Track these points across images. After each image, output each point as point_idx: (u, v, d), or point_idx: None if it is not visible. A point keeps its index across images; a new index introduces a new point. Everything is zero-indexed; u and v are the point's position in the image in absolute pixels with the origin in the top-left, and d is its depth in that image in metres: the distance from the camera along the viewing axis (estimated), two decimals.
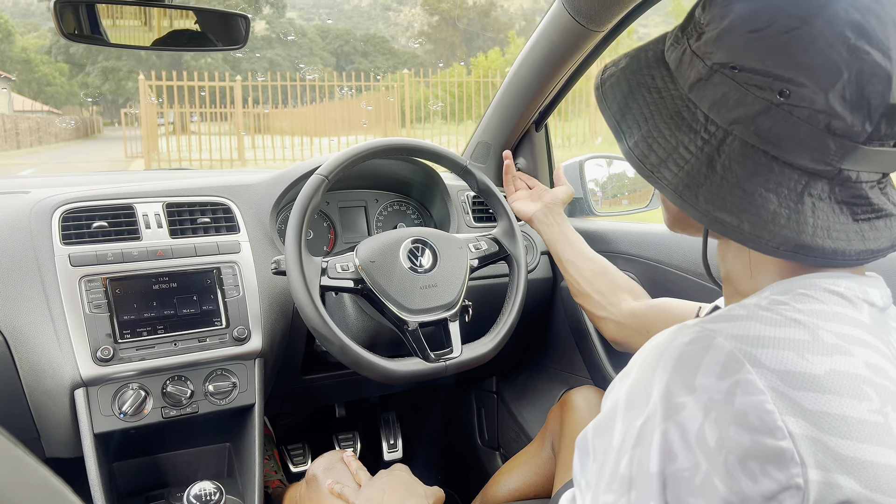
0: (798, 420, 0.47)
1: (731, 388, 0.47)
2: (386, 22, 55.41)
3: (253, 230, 1.30)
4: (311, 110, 12.98)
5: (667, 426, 0.48)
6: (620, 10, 1.19)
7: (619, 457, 0.51)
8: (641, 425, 0.50)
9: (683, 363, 0.49)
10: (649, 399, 0.50)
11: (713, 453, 0.46)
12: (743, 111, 0.53)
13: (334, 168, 1.16)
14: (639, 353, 0.55)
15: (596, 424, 0.56)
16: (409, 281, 1.17)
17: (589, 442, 0.56)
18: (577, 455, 0.58)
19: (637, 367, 0.53)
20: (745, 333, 0.50)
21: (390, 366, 1.12)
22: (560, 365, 1.66)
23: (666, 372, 0.50)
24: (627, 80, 0.61)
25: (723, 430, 0.46)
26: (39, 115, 24.88)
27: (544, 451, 1.31)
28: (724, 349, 0.49)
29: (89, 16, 1.12)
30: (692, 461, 0.47)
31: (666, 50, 0.60)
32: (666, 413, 0.49)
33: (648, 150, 0.56)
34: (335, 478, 1.07)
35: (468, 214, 1.55)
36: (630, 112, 0.59)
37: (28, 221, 1.16)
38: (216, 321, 1.20)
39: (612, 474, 0.51)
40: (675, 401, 0.48)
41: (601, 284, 1.23)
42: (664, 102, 0.57)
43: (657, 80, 0.59)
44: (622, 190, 1.82)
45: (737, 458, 0.46)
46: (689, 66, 0.56)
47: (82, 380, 1.08)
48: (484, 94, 12.75)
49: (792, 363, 0.48)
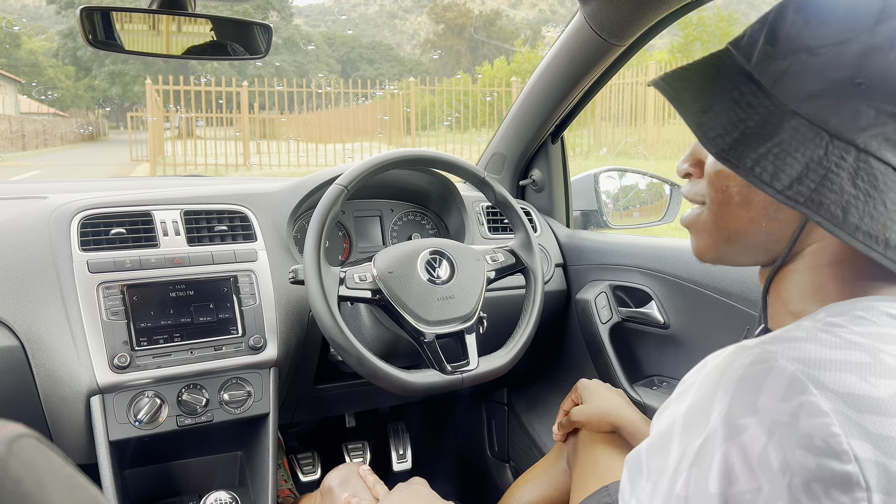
0: (863, 443, 0.46)
1: (795, 411, 0.46)
2: (392, 30, 55.60)
3: (270, 239, 1.29)
4: (317, 117, 13.01)
5: (728, 447, 0.47)
6: (643, 24, 1.19)
7: (676, 477, 0.50)
8: (700, 445, 0.49)
9: (745, 384, 0.48)
10: (709, 420, 0.49)
11: (776, 476, 0.46)
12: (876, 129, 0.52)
13: (354, 178, 1.16)
14: (694, 374, 0.54)
15: (650, 444, 0.55)
16: (426, 292, 1.16)
17: (643, 461, 0.55)
18: (627, 474, 0.57)
19: (695, 388, 0.52)
20: (807, 356, 0.49)
21: (407, 377, 1.11)
22: (573, 378, 1.64)
23: (727, 393, 0.49)
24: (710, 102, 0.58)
25: (787, 452, 0.46)
26: (45, 117, 24.97)
27: (559, 464, 1.30)
28: (787, 371, 0.48)
29: (111, 24, 1.12)
30: (754, 484, 0.46)
31: (753, 66, 0.58)
32: (727, 434, 0.48)
33: (776, 169, 0.54)
34: (351, 491, 1.06)
35: (483, 225, 1.54)
36: (722, 127, 0.56)
37: (47, 227, 1.16)
38: (232, 329, 1.20)
39: (668, 494, 0.51)
40: (737, 422, 0.48)
41: None
42: (768, 120, 0.55)
43: (746, 95, 0.57)
44: (634, 202, 1.82)
45: (801, 482, 0.45)
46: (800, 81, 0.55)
47: (98, 387, 1.08)
48: (490, 103, 12.79)
49: (855, 386, 0.48)
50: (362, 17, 56.95)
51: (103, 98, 31.09)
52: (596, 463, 1.17)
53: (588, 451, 1.20)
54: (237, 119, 12.09)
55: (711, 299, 1.26)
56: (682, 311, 1.33)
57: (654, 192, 1.78)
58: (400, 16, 56.01)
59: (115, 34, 1.12)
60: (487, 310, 1.24)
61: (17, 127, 19.11)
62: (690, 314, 1.32)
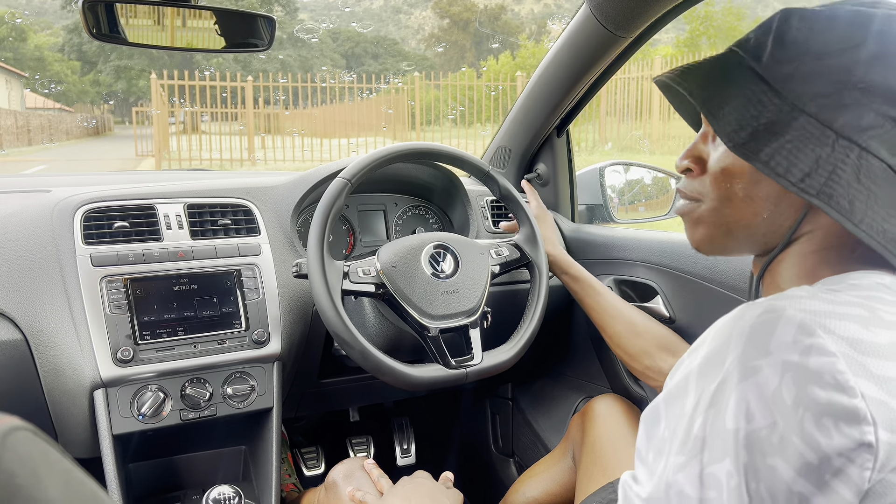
0: (868, 382, 0.50)
1: (805, 350, 0.50)
2: (397, 24, 55.52)
3: (273, 232, 1.29)
4: (321, 111, 13.00)
5: (744, 387, 0.51)
6: (650, 16, 1.18)
7: (693, 419, 0.54)
8: (716, 388, 0.52)
9: (757, 331, 0.52)
10: (724, 365, 0.53)
11: (790, 411, 0.49)
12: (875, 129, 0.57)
13: (357, 172, 1.15)
14: (707, 332, 0.58)
15: (667, 393, 0.59)
16: (430, 286, 1.16)
17: (661, 410, 0.59)
18: (643, 428, 0.61)
19: (709, 340, 0.56)
20: (812, 308, 0.53)
21: (411, 372, 1.11)
22: (578, 373, 1.64)
23: (740, 339, 0.53)
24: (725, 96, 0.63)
25: (799, 389, 0.49)
26: (51, 112, 25.01)
27: (565, 460, 1.30)
28: (797, 318, 0.52)
29: (114, 16, 1.11)
30: (769, 420, 0.49)
31: (763, 67, 0.62)
32: (742, 375, 0.51)
33: (789, 163, 0.58)
34: (355, 485, 1.06)
35: (487, 219, 1.54)
36: (737, 122, 0.61)
37: (50, 221, 1.16)
38: (236, 323, 1.19)
39: (685, 436, 0.54)
40: (751, 364, 0.51)
41: (638, 348, 1.21)
42: (779, 118, 0.60)
43: (757, 94, 0.61)
44: (639, 197, 1.81)
45: (812, 416, 0.49)
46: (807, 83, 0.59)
47: (102, 381, 1.08)
48: (495, 98, 12.76)
49: (858, 332, 0.52)
50: (367, 12, 56.87)
51: (108, 93, 31.15)
52: (602, 459, 1.16)
53: (594, 447, 1.20)
54: (242, 114, 12.09)
55: (717, 294, 1.25)
56: (687, 305, 1.32)
57: (659, 186, 1.77)
58: (405, 10, 55.91)
59: (119, 26, 1.12)
60: (492, 304, 1.23)
61: (23, 122, 19.17)
62: (696, 309, 1.31)
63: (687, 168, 0.70)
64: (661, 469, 0.56)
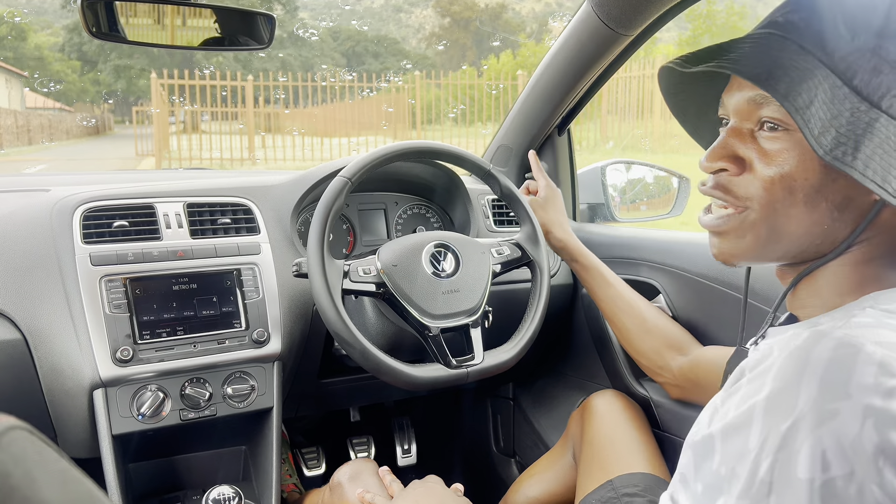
0: None
1: (887, 394, 0.46)
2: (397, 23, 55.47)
3: (273, 232, 1.28)
4: (322, 110, 12.99)
5: (820, 433, 0.47)
6: (651, 14, 1.17)
7: (759, 461, 0.49)
8: (787, 430, 0.48)
9: (834, 369, 0.48)
10: (796, 405, 0.48)
11: (870, 460, 0.46)
12: None
13: (357, 170, 1.14)
14: (765, 358, 0.53)
15: (727, 426, 0.53)
16: (431, 286, 1.15)
17: (716, 442, 0.53)
18: (692, 455, 0.56)
19: (775, 372, 0.51)
20: (887, 340, 0.49)
21: (412, 372, 1.10)
22: (579, 372, 1.64)
23: (815, 377, 0.48)
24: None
25: (881, 435, 0.46)
26: (51, 112, 25.00)
27: (565, 457, 1.30)
28: (877, 355, 0.48)
29: (113, 14, 1.11)
30: (847, 469, 0.46)
31: (829, 56, 0.56)
32: (818, 419, 0.47)
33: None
34: (363, 486, 1.05)
35: (488, 218, 1.53)
36: (822, 124, 0.55)
37: (49, 220, 1.15)
38: (236, 323, 1.19)
39: (750, 479, 0.49)
40: (828, 406, 0.47)
41: (647, 346, 1.20)
42: (857, 118, 0.54)
43: (833, 89, 0.56)
44: (641, 195, 1.80)
45: (893, 464, 0.45)
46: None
47: (101, 380, 1.07)
48: (496, 97, 12.74)
49: None
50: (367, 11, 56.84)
51: (108, 92, 31.13)
52: (601, 456, 1.16)
53: (593, 443, 1.20)
54: (242, 113, 12.08)
55: (720, 293, 1.25)
56: (689, 305, 1.32)
57: (661, 184, 1.76)
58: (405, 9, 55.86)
59: (118, 25, 1.11)
60: (493, 303, 1.23)
61: (24, 122, 19.15)
62: (698, 308, 1.30)
63: (722, 168, 0.63)
64: None
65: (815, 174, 0.57)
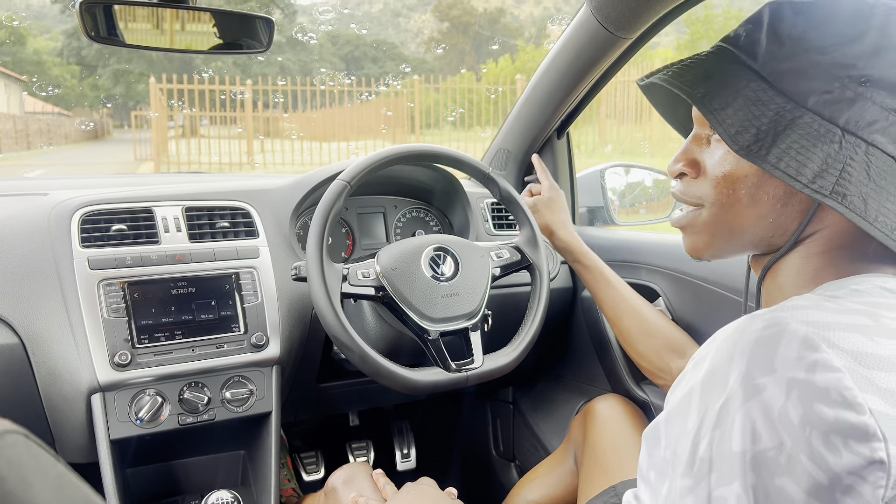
0: (875, 397, 0.48)
1: (810, 367, 0.48)
2: (396, 28, 55.52)
3: (272, 235, 1.28)
4: (321, 115, 12.99)
5: (749, 407, 0.49)
6: (650, 17, 1.17)
7: (697, 440, 0.52)
8: (721, 408, 0.51)
9: (761, 346, 0.50)
10: (727, 383, 0.51)
11: (797, 431, 0.47)
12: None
13: (356, 174, 1.14)
14: (706, 346, 0.56)
15: (669, 412, 0.57)
16: (430, 289, 1.15)
17: (661, 429, 0.57)
18: (645, 446, 0.59)
19: (711, 355, 0.54)
20: (815, 319, 0.51)
21: (411, 375, 1.10)
22: (579, 376, 1.63)
23: (743, 356, 0.51)
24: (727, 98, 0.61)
25: (806, 407, 0.48)
26: (50, 116, 24.99)
27: (566, 462, 1.29)
28: (800, 332, 0.50)
29: (111, 18, 1.11)
30: (776, 440, 0.48)
31: (761, 64, 0.60)
32: (747, 394, 0.49)
33: (799, 165, 0.57)
34: (357, 490, 1.05)
35: (488, 222, 1.53)
36: (740, 124, 0.59)
37: (47, 223, 1.15)
38: (234, 327, 1.18)
39: (691, 458, 0.52)
40: (755, 382, 0.49)
41: (649, 348, 1.21)
42: (781, 116, 0.58)
43: (757, 92, 0.60)
44: (640, 199, 1.80)
45: (820, 434, 0.47)
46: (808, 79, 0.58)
47: (99, 385, 1.07)
48: (494, 101, 12.76)
49: (862, 345, 0.50)
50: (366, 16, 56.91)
51: (107, 97, 31.11)
52: (603, 461, 1.15)
53: (595, 448, 1.19)
54: (241, 117, 12.08)
55: (719, 296, 1.24)
56: (689, 307, 1.32)
57: (660, 188, 1.76)
58: (404, 14, 55.91)
59: (117, 28, 1.11)
60: (492, 307, 1.22)
61: (22, 126, 19.13)
62: (698, 311, 1.30)
63: (681, 172, 0.69)
64: (667, 491, 0.54)
65: (753, 172, 0.61)
